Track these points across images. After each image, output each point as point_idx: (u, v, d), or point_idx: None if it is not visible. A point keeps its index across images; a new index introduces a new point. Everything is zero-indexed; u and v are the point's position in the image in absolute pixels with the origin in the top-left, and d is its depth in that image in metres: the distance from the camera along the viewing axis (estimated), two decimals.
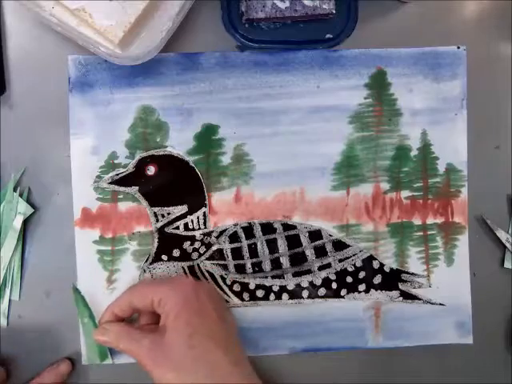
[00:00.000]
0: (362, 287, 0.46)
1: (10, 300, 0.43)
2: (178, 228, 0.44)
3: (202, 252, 0.45)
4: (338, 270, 0.45)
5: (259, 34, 0.45)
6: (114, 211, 0.44)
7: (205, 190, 0.45)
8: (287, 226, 0.45)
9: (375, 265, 0.46)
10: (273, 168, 0.45)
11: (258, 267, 0.45)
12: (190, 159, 0.45)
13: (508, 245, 0.46)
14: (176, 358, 0.36)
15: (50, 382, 0.41)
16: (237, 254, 0.45)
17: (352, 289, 0.45)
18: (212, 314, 0.39)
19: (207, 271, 0.44)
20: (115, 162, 0.44)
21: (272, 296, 0.45)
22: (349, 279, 0.45)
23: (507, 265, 0.47)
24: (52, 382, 0.41)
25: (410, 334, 0.46)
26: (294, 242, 0.45)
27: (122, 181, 0.44)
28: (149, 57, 0.40)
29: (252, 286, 0.45)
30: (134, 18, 0.39)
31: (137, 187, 0.44)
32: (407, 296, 0.46)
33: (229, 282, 0.45)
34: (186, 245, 0.44)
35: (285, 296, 0.45)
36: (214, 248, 0.45)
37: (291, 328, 0.45)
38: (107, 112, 0.44)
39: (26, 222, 0.43)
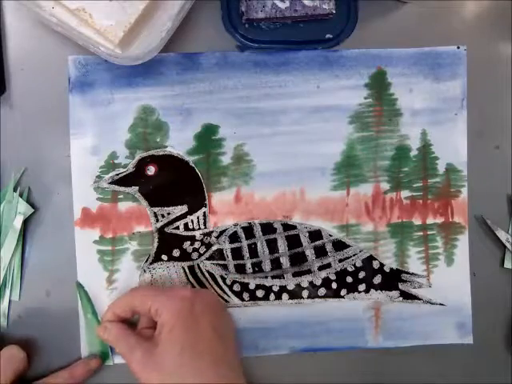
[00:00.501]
0: (361, 287, 0.46)
1: (10, 300, 0.43)
2: (177, 228, 0.44)
3: (202, 252, 0.45)
4: (338, 269, 0.45)
5: (259, 34, 0.45)
6: (114, 211, 0.44)
7: (205, 190, 0.45)
8: (287, 226, 0.45)
9: (375, 265, 0.46)
10: (273, 168, 0.45)
11: (257, 267, 0.45)
12: (190, 159, 0.45)
13: (508, 245, 0.46)
14: (165, 371, 0.37)
15: (80, 374, 0.42)
16: (237, 254, 0.45)
17: (352, 289, 0.45)
18: (206, 328, 0.39)
19: (207, 271, 0.44)
20: (115, 161, 0.44)
21: (272, 296, 0.45)
22: (349, 279, 0.45)
23: (507, 265, 0.47)
24: (81, 375, 0.42)
25: (409, 334, 0.46)
26: (293, 241, 0.45)
27: (122, 181, 0.44)
28: (149, 57, 0.40)
29: (252, 286, 0.45)
30: (134, 18, 0.39)
31: (137, 187, 0.44)
32: (407, 296, 0.46)
33: (229, 282, 0.45)
34: (186, 245, 0.45)
35: (285, 296, 0.45)
36: (214, 248, 0.45)
37: (291, 328, 0.45)
38: (107, 112, 0.44)
39: (26, 222, 0.43)
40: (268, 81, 0.45)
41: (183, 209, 0.44)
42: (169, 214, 0.44)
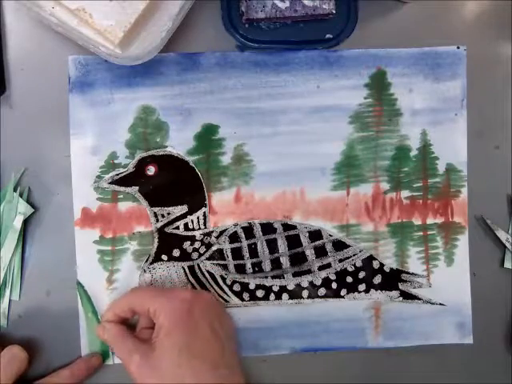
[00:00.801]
0: (361, 287, 0.46)
1: (10, 300, 0.43)
2: (178, 228, 0.44)
3: (202, 252, 0.45)
4: (338, 269, 0.45)
5: (259, 34, 0.45)
6: (114, 211, 0.44)
7: (205, 190, 0.45)
8: (287, 226, 0.45)
9: (375, 265, 0.46)
10: (273, 168, 0.45)
11: (257, 267, 0.45)
12: (190, 159, 0.45)
13: (508, 245, 0.46)
14: (163, 375, 0.37)
15: (81, 373, 0.42)
16: (237, 254, 0.45)
17: (352, 289, 0.45)
18: (205, 330, 0.39)
19: (207, 271, 0.44)
20: (115, 161, 0.44)
21: (272, 296, 0.45)
22: (349, 279, 0.45)
23: (507, 265, 0.47)
24: (82, 374, 0.42)
25: (409, 333, 0.46)
26: (294, 241, 0.45)
27: (122, 181, 0.44)
28: (149, 57, 0.40)
29: (252, 286, 0.45)
30: (133, 18, 0.39)
31: (137, 187, 0.44)
32: (407, 296, 0.46)
33: (229, 282, 0.45)
34: (186, 245, 0.45)
35: (285, 296, 0.45)
36: (214, 248, 0.45)
37: (291, 328, 0.45)
38: (107, 112, 0.44)
39: (26, 222, 0.43)
40: (268, 81, 0.45)
41: (183, 209, 0.44)
42: (169, 213, 0.44)
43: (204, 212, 0.45)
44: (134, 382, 0.38)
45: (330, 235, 0.46)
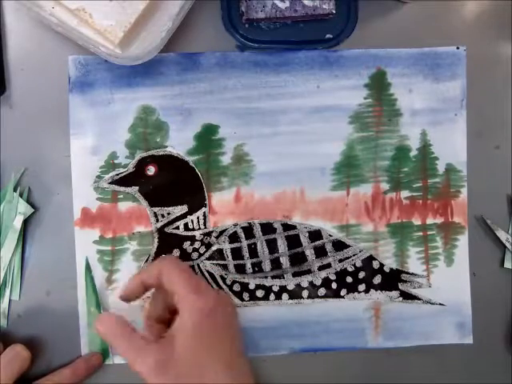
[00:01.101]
0: (361, 287, 0.46)
1: (10, 300, 0.43)
2: (177, 228, 0.44)
3: (201, 252, 0.45)
4: (338, 270, 0.45)
5: (259, 34, 0.45)
6: (114, 211, 0.44)
7: (205, 190, 0.45)
8: (287, 226, 0.45)
9: (375, 265, 0.46)
10: (273, 168, 0.45)
11: (257, 267, 0.45)
12: (190, 159, 0.45)
13: (508, 245, 0.46)
14: (178, 376, 0.36)
15: (81, 372, 0.42)
16: (237, 254, 0.45)
17: (352, 289, 0.45)
18: (222, 332, 0.38)
19: (207, 271, 0.44)
20: (115, 161, 0.44)
21: (272, 296, 0.45)
22: (349, 279, 0.45)
23: (507, 265, 0.47)
24: (83, 372, 0.42)
25: (409, 334, 0.46)
26: (293, 241, 0.45)
27: (122, 181, 0.44)
28: (149, 57, 0.40)
29: (252, 286, 0.45)
30: (134, 18, 0.39)
31: (137, 187, 0.44)
32: (407, 296, 0.46)
33: (229, 282, 0.45)
34: (186, 245, 0.45)
35: (285, 296, 0.45)
36: (214, 248, 0.45)
37: (291, 328, 0.45)
38: (107, 112, 0.44)
39: (26, 222, 0.43)
40: (268, 81, 0.45)
41: (183, 209, 0.44)
42: (169, 213, 0.44)
43: (204, 212, 0.45)
44: (144, 381, 0.37)
45: (330, 235, 0.46)
